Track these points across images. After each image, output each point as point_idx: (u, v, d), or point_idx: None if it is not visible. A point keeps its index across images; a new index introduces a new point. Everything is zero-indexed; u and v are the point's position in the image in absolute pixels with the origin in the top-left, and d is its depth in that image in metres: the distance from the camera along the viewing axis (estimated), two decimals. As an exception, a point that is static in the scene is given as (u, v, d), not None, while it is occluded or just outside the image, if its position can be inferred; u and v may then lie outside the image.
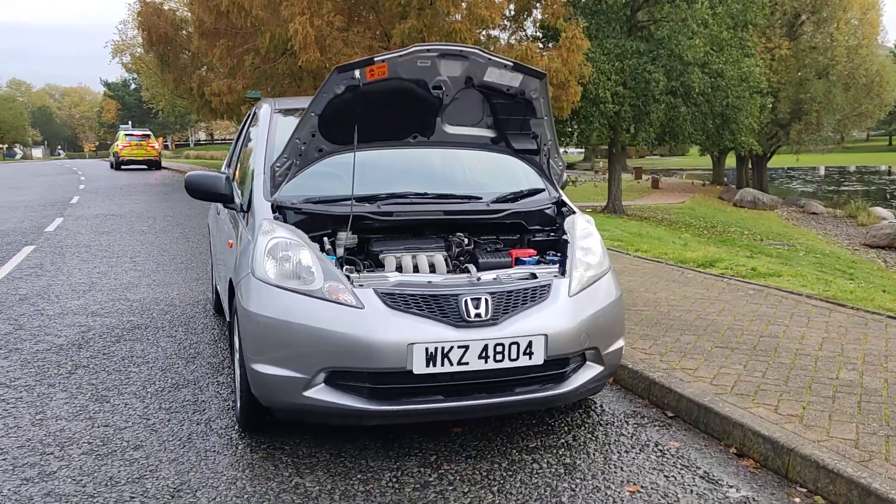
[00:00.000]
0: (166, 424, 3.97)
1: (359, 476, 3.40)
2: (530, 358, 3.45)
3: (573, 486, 3.32)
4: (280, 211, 3.88)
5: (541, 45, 22.83)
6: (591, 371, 3.73)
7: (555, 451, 3.68)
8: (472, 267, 3.70)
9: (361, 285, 3.45)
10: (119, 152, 34.58)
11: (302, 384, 3.35)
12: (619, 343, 3.91)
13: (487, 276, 3.66)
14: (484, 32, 21.00)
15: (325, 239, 3.81)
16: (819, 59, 31.70)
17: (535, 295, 3.56)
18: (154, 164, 34.98)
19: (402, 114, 3.95)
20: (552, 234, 4.16)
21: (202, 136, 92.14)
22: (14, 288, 7.63)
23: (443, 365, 3.32)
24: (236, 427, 3.91)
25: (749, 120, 23.98)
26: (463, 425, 3.94)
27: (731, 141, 24.92)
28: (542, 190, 4.40)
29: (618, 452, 3.67)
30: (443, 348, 3.32)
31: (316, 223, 3.84)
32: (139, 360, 5.08)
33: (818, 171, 57.80)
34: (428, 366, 3.31)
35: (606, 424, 4.03)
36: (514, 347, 3.41)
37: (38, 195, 19.99)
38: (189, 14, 24.77)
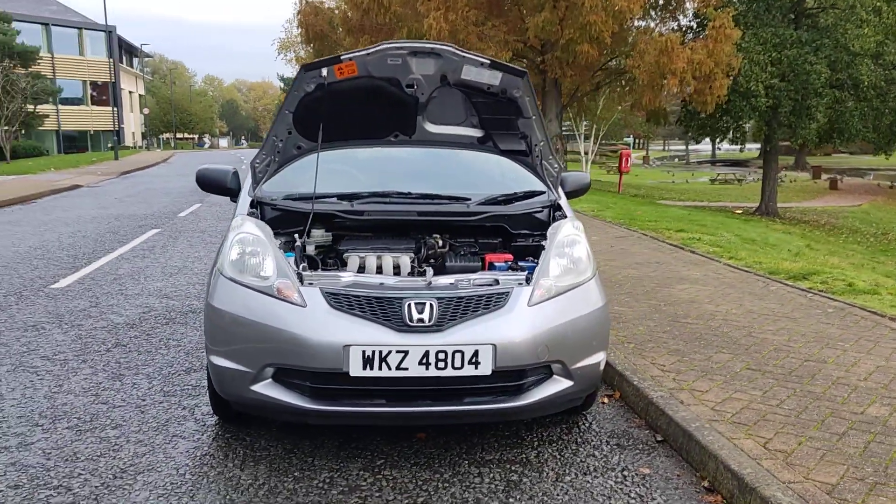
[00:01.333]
0: (155, 407, 4.17)
1: (295, 474, 3.41)
2: (476, 368, 3.31)
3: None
4: (259, 207, 3.95)
5: (686, 36, 21.77)
6: (556, 386, 3.54)
7: (508, 466, 3.53)
8: (429, 270, 3.61)
9: (311, 284, 3.45)
10: None
11: (249, 378, 3.40)
12: (596, 357, 3.67)
13: (443, 280, 3.55)
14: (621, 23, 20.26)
15: (297, 236, 3.84)
16: None
17: (488, 302, 3.41)
18: None
19: (378, 112, 3.91)
20: (535, 239, 3.97)
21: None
22: (116, 268, 8.27)
23: (380, 369, 3.26)
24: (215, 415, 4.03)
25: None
26: (428, 431, 3.86)
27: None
28: (542, 193, 4.21)
29: (575, 474, 3.46)
30: (380, 352, 3.25)
31: (291, 220, 3.88)
32: (172, 343, 5.36)
33: None
34: (365, 369, 3.26)
35: (582, 443, 3.81)
36: (457, 356, 3.29)
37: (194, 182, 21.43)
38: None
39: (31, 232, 11.60)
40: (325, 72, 3.63)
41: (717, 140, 24.91)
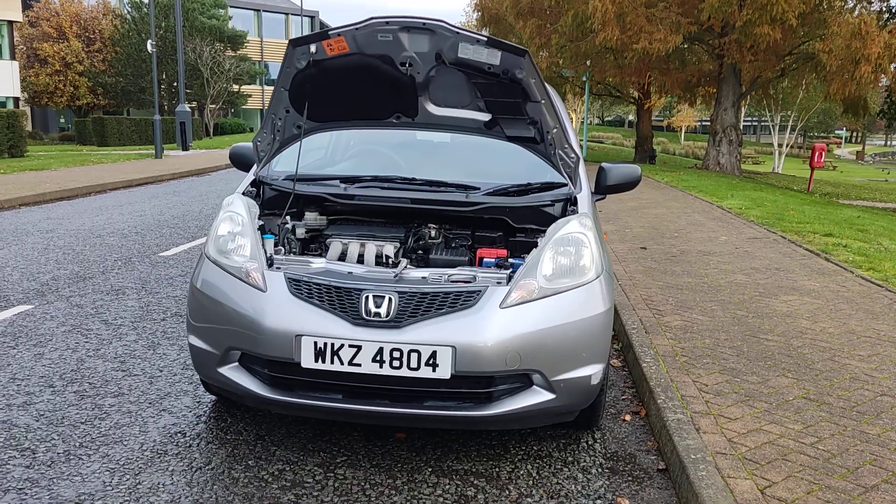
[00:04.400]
0: (166, 379, 4.25)
1: (249, 462, 3.33)
2: (434, 370, 3.06)
3: (440, 522, 2.91)
4: (261, 186, 3.88)
5: (884, 18, 19.61)
6: (533, 398, 3.21)
7: (471, 479, 3.25)
8: (403, 261, 3.38)
9: (278, 268, 3.34)
10: None
11: (215, 360, 3.36)
12: (586, 370, 3.28)
13: (415, 273, 3.31)
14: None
15: (288, 218, 3.74)
16: None
17: (455, 301, 3.14)
18: None
19: (376, 92, 3.71)
20: (539, 235, 3.62)
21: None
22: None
23: (332, 363, 3.09)
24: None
25: None
26: (410, 432, 3.64)
27: None
28: (563, 185, 3.84)
29: (539, 496, 3.13)
30: (332, 345, 3.08)
31: (286, 201, 3.78)
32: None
33: None
34: (317, 361, 3.11)
35: (569, 463, 3.45)
36: (413, 355, 3.06)
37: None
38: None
39: (183, 202, 12.43)
40: (313, 48, 3.48)
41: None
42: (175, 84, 41.54)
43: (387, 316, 3.08)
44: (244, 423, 3.72)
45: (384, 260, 3.53)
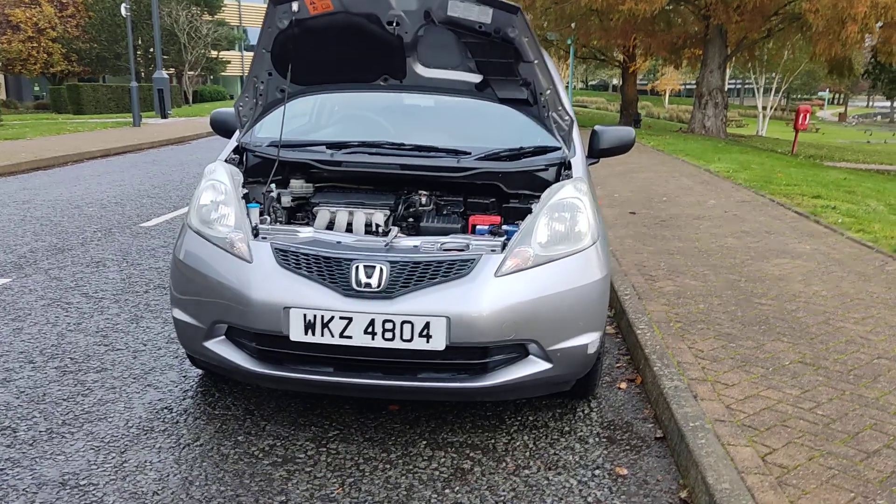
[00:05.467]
0: (151, 353, 4.14)
1: (239, 437, 3.24)
2: (428, 342, 2.97)
3: (438, 494, 2.84)
4: (244, 153, 3.75)
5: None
6: (530, 367, 3.13)
7: (467, 451, 3.18)
8: (394, 230, 3.27)
9: (264, 238, 3.22)
10: None
11: (201, 334, 3.25)
12: (583, 339, 3.20)
13: (407, 242, 3.21)
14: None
15: (273, 186, 3.61)
16: None
17: (449, 270, 3.03)
18: None
19: (363, 53, 3.56)
20: (535, 201, 3.52)
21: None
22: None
23: (322, 335, 2.99)
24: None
25: None
26: (403, 403, 3.56)
27: None
28: (557, 149, 3.73)
29: (537, 468, 3.06)
30: (322, 317, 2.98)
31: (271, 168, 3.64)
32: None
33: None
34: (306, 334, 3.00)
35: (566, 433, 3.38)
36: (406, 327, 2.96)
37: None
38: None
39: (163, 171, 12.21)
40: (295, 6, 3.33)
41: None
42: (151, 50, 40.85)
43: (378, 286, 2.98)
44: (232, 397, 3.62)
45: (374, 228, 3.42)
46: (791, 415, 3.29)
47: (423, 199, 3.58)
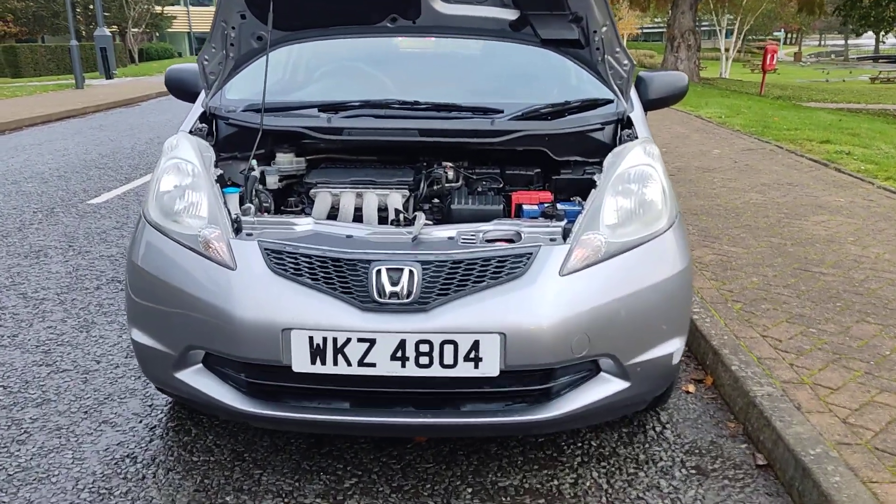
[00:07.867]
0: (105, 374, 3.32)
1: (227, 499, 2.46)
2: (476, 366, 2.22)
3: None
4: (213, 121, 2.91)
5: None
6: (603, 389, 2.39)
7: (525, 499, 2.45)
8: (419, 216, 2.49)
9: (250, 235, 2.42)
10: None
11: (171, 362, 2.45)
12: (667, 347, 2.47)
13: (439, 232, 2.42)
14: None
15: (255, 163, 2.78)
16: None
17: (499, 269, 2.26)
18: None
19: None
20: (591, 170, 2.76)
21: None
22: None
23: (335, 364, 2.22)
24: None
25: None
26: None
27: None
28: (609, 102, 2.96)
29: (623, 522, 2.35)
30: (335, 340, 2.20)
31: (252, 140, 2.81)
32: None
33: None
34: (314, 363, 2.23)
35: (644, 463, 2.67)
36: (448, 348, 2.20)
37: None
38: None
39: (111, 137, 11.15)
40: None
41: (883, 33, 21.64)
42: (91, 6, 38.68)
43: (407, 296, 2.20)
44: (214, 434, 2.84)
45: (395, 216, 2.62)
46: (927, 429, 2.63)
47: (451, 174, 2.78)
